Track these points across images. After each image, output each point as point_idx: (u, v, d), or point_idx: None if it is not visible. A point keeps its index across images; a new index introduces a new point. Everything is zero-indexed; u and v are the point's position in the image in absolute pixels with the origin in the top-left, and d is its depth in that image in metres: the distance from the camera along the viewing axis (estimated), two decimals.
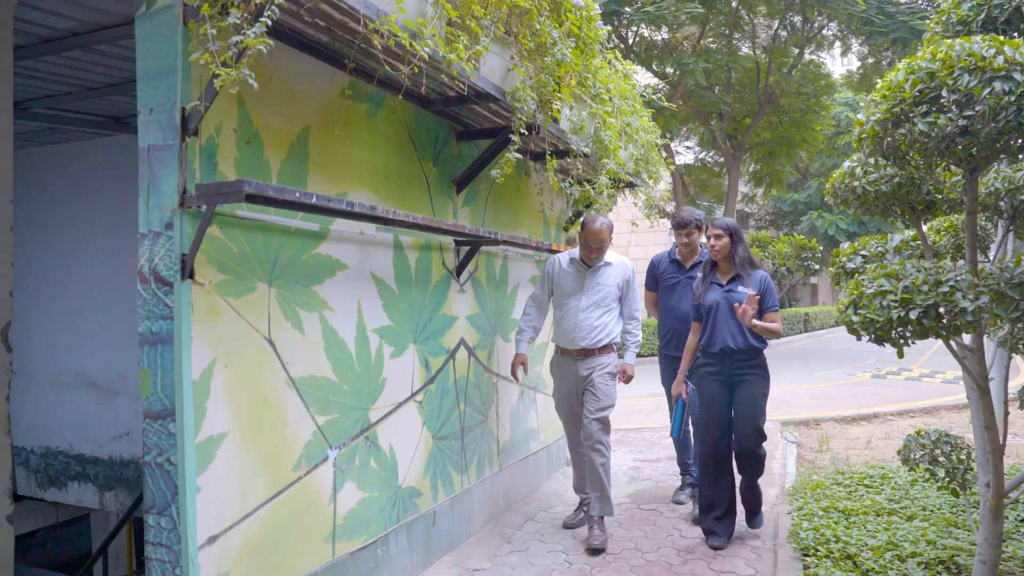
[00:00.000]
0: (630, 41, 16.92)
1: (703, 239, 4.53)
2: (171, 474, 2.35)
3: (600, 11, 4.81)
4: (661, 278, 4.92)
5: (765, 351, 4.05)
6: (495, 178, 3.43)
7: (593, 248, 4.23)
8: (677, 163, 20.41)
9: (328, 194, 2.81)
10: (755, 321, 3.77)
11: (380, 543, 3.34)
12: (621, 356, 4.39)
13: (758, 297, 3.79)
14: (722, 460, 4.03)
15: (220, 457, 2.46)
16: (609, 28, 5.12)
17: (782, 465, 5.92)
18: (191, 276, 2.35)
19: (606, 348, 4.26)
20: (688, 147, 22.65)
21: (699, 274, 4.32)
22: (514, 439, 4.88)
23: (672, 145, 19.54)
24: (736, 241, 4.00)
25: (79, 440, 6.21)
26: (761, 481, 4.24)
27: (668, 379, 4.81)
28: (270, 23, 2.22)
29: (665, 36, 17.48)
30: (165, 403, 2.35)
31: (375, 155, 3.32)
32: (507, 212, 4.78)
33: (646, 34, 17.45)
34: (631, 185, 5.63)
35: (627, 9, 14.83)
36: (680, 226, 4.72)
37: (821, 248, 23.00)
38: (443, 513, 3.91)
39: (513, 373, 4.35)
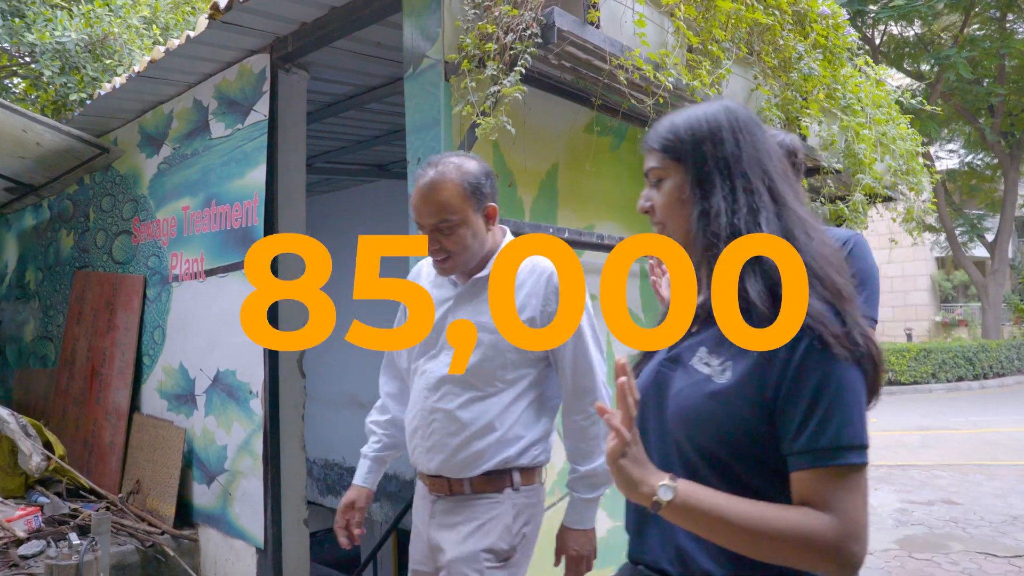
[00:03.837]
0: (876, 41, 15.56)
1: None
2: None
3: (848, 16, 4.47)
4: None
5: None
6: None
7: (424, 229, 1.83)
8: (939, 168, 18.26)
9: (577, 228, 2.90)
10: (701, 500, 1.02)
11: None
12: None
13: (612, 414, 1.04)
14: None
15: None
16: (857, 34, 4.76)
17: None
18: None
19: (500, 479, 1.83)
20: (951, 150, 20.18)
21: None
22: None
23: (932, 150, 17.53)
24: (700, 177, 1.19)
25: (350, 454, 6.94)
26: None
27: None
28: (523, 71, 2.36)
29: (918, 31, 15.83)
30: None
31: (620, 187, 3.37)
32: None
33: (895, 31, 15.94)
34: (889, 199, 5.13)
35: (872, 7, 13.68)
36: None
37: None
38: None
39: (336, 527, 2.02)
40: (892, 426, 9.20)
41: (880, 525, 4.96)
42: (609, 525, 3.26)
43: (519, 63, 2.37)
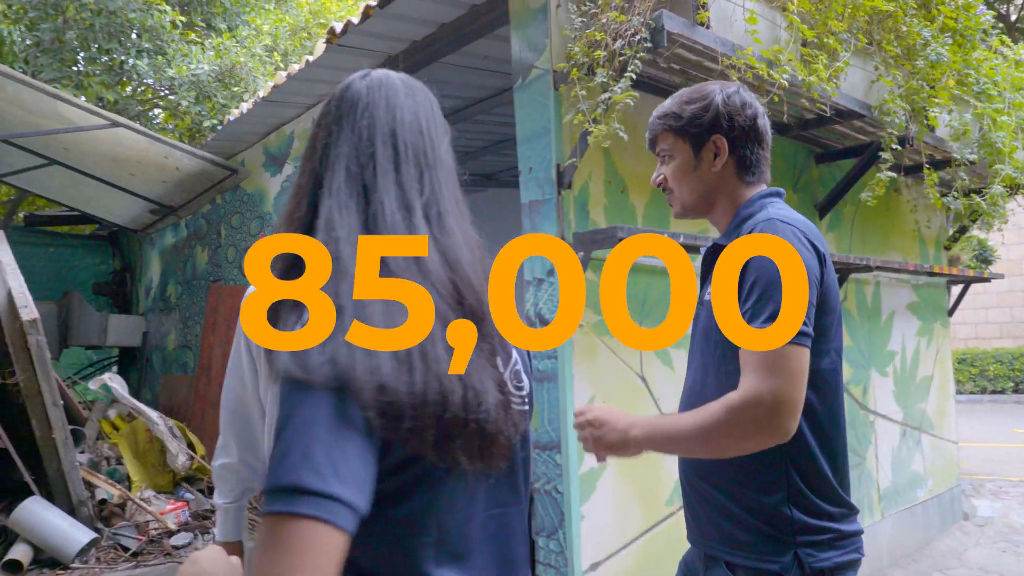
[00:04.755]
0: (1012, 18, 14.40)
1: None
2: (558, 501, 2.55)
3: None
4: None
5: None
6: (865, 200, 3.15)
7: None
8: None
9: (692, 232, 2.85)
10: None
11: None
12: None
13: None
14: None
15: (600, 489, 2.61)
16: (991, 12, 4.40)
17: None
18: None
19: None
20: None
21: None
22: (896, 485, 4.36)
23: None
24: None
25: None
26: None
27: None
28: (634, 76, 2.35)
29: None
30: (552, 435, 2.57)
31: None
32: (876, 234, 4.35)
33: None
34: None
35: None
36: (650, 139, 1.54)
37: None
38: None
39: None
40: (999, 437, 8.45)
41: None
42: None
43: (629, 69, 2.36)
